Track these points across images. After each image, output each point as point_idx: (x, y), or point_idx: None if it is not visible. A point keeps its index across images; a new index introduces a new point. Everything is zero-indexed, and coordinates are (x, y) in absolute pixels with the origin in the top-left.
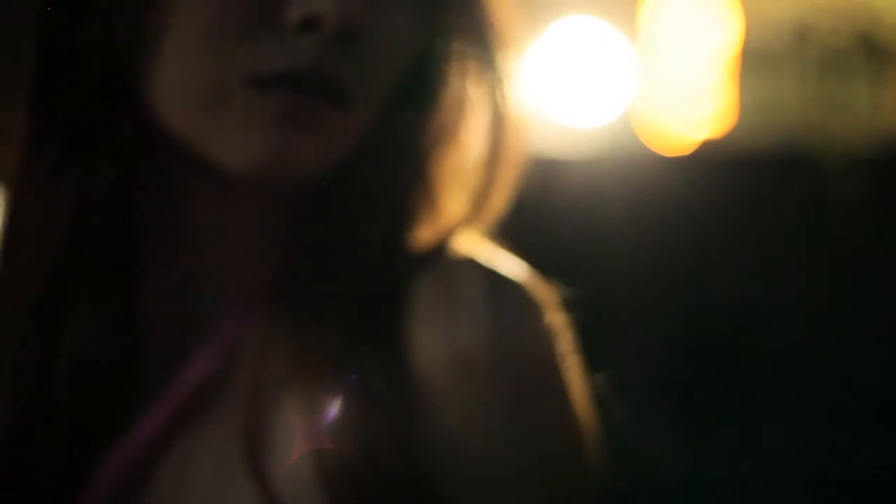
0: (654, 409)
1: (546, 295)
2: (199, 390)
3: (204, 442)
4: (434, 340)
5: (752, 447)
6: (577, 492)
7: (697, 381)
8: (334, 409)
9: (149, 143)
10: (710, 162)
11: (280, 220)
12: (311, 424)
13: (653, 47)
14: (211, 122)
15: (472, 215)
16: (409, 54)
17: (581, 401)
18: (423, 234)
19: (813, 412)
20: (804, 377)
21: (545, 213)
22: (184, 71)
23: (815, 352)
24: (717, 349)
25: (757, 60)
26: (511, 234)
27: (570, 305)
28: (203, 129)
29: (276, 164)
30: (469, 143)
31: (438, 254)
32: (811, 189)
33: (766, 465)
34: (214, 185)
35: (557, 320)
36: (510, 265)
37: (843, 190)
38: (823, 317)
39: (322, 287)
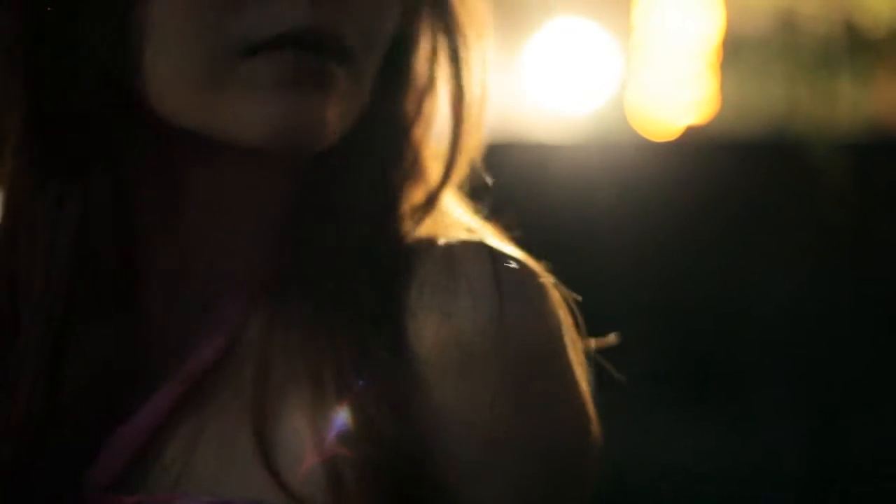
0: (642, 392)
1: (547, 278)
2: (203, 376)
3: (209, 427)
4: (436, 323)
5: (742, 430)
6: (576, 477)
7: (683, 363)
8: (340, 392)
9: (150, 144)
10: (695, 147)
11: (281, 202)
12: (317, 408)
13: (641, 36)
14: (218, 100)
15: (445, 182)
16: (398, 11)
17: (582, 385)
18: (413, 202)
19: (803, 396)
20: (790, 358)
21: (538, 195)
22: (178, 54)
23: (799, 332)
24: (702, 331)
25: (741, 47)
26: (505, 215)
27: (564, 287)
28: (211, 109)
29: (291, 130)
30: (437, 112)
31: (438, 234)
32: (794, 173)
33: (756, 446)
34: (218, 174)
35: (560, 303)
36: (508, 248)
37: (826, 174)
38: (808, 298)
39: (325, 267)
